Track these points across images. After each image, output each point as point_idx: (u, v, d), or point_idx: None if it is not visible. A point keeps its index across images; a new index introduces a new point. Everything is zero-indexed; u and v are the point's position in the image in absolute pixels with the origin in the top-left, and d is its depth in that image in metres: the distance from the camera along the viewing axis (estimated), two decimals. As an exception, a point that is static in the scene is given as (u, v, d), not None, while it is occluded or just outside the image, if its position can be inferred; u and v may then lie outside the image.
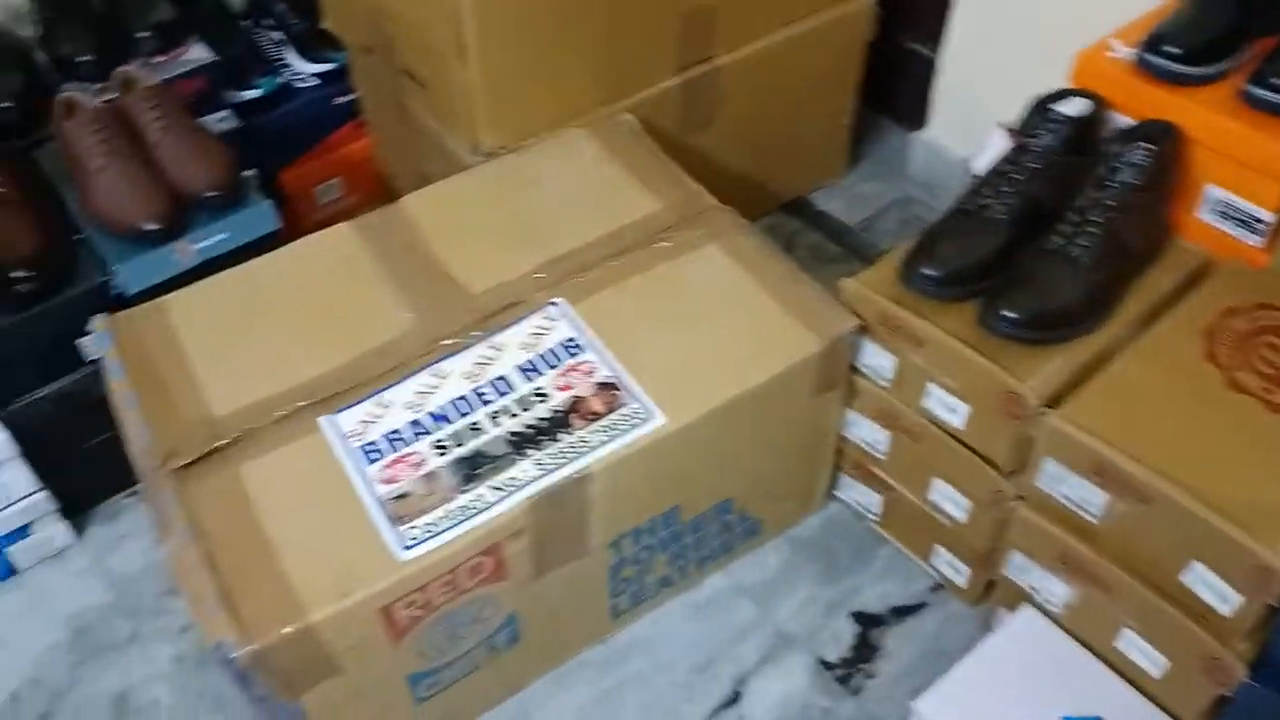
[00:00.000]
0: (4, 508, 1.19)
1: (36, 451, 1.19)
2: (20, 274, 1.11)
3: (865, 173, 1.70)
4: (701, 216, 1.16)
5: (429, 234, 1.16)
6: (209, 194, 1.20)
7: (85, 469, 1.27)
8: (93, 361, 1.19)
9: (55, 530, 1.25)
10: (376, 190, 1.70)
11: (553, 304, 1.08)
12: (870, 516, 1.24)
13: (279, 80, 1.54)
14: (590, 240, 1.14)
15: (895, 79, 1.60)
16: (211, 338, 1.07)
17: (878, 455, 1.16)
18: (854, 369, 1.11)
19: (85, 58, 1.38)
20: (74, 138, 1.21)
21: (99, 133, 1.20)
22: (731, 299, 1.07)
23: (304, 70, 1.58)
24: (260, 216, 1.24)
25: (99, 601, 1.22)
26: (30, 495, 1.21)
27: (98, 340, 1.07)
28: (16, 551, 1.23)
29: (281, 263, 1.16)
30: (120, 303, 1.17)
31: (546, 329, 1.06)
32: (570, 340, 1.04)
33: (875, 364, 1.08)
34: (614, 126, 1.28)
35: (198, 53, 1.45)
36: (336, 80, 1.57)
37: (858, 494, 1.24)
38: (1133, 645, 0.99)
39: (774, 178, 1.60)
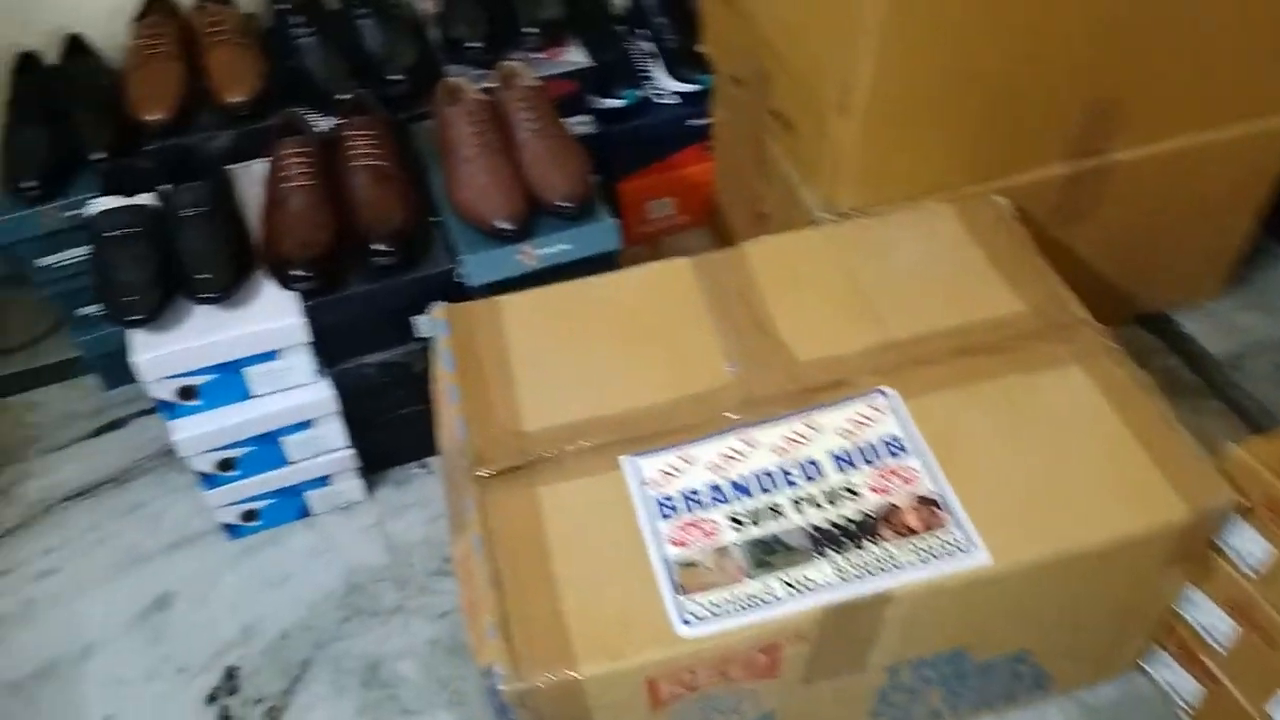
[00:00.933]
0: (315, 457, 1.26)
1: (351, 411, 1.25)
2: (382, 247, 1.17)
3: (1243, 300, 1.49)
4: (1068, 329, 1.04)
5: (765, 287, 1.12)
6: (562, 204, 1.21)
7: (389, 434, 1.32)
8: (422, 339, 1.24)
9: (351, 485, 1.32)
10: (706, 215, 1.69)
11: (882, 392, 1.00)
12: (1181, 704, 1.08)
13: (641, 93, 1.55)
14: (936, 329, 1.05)
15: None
16: (537, 347, 1.08)
17: (1215, 646, 1.00)
18: (1214, 545, 0.95)
19: (475, 44, 1.44)
20: (451, 124, 1.25)
21: (475, 124, 1.24)
22: (1090, 434, 0.95)
23: (667, 87, 1.58)
24: (604, 233, 1.24)
25: (375, 563, 1.27)
26: (338, 450, 1.27)
27: (434, 324, 1.10)
28: (314, 497, 1.31)
29: (616, 285, 1.15)
30: (459, 291, 1.21)
31: (870, 419, 0.98)
32: (895, 439, 0.96)
33: (1245, 549, 0.93)
34: (983, 207, 1.18)
35: (575, 55, 1.48)
36: (695, 102, 1.56)
37: (1173, 676, 1.08)
38: None
39: (1139, 286, 1.43)
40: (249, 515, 1.29)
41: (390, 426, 1.32)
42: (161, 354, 1.11)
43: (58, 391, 1.51)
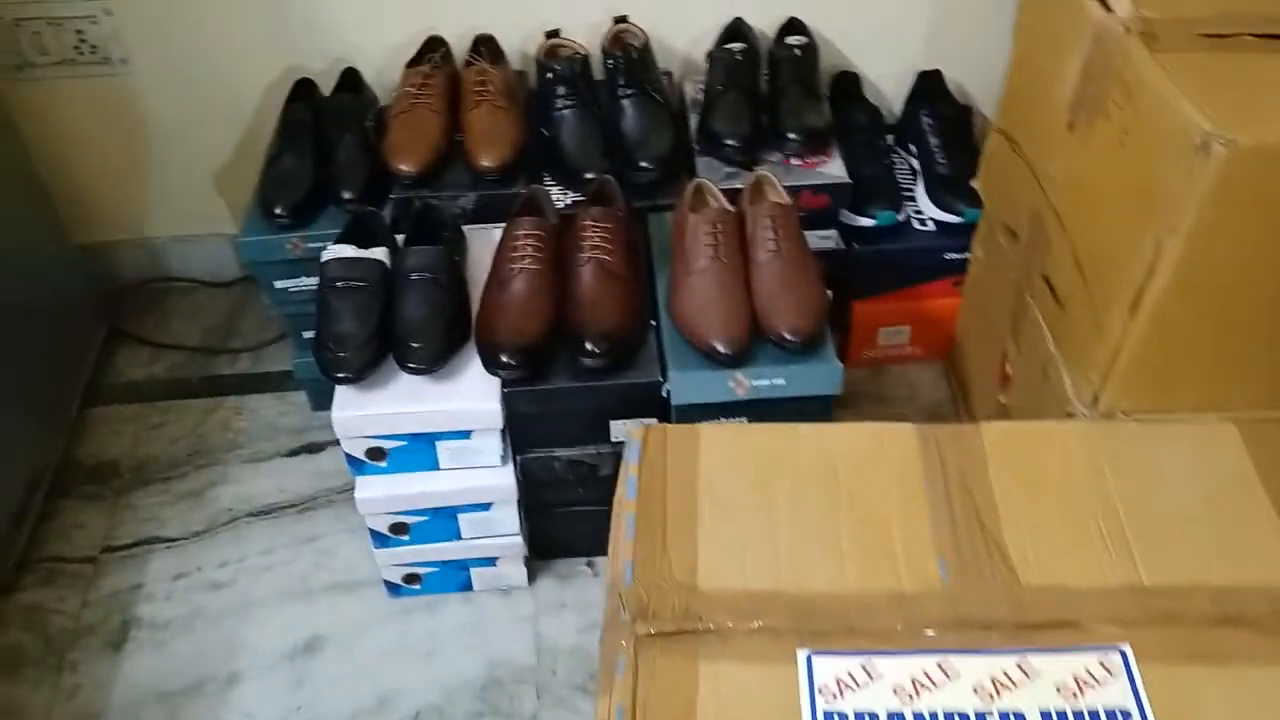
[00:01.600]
0: (486, 537, 1.23)
1: (529, 498, 1.21)
2: (594, 349, 1.12)
3: None
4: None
5: (997, 481, 0.98)
6: (788, 337, 1.13)
7: (562, 525, 1.28)
8: (616, 443, 1.18)
9: (515, 570, 1.28)
10: (940, 350, 1.56)
11: (1119, 650, 0.85)
12: None
13: (899, 216, 1.44)
14: (1199, 584, 0.89)
15: None
16: (731, 492, 0.99)
17: None
18: None
19: (733, 141, 1.37)
20: (690, 230, 1.19)
21: (715, 236, 1.17)
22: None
23: (926, 212, 1.47)
24: (826, 375, 1.14)
25: (521, 661, 1.23)
26: (511, 536, 1.23)
27: (629, 445, 1.04)
28: (478, 574, 1.28)
29: (829, 440, 1.05)
30: (661, 405, 1.15)
31: (1098, 680, 0.83)
32: (1123, 713, 0.81)
33: None
34: (1275, 437, 1.00)
35: (834, 167, 1.39)
36: (956, 234, 1.44)
37: None
38: None
39: None
40: (412, 578, 1.27)
41: (565, 519, 1.27)
42: (359, 414, 1.11)
43: (269, 402, 1.56)
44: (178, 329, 1.68)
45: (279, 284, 1.37)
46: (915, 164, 1.52)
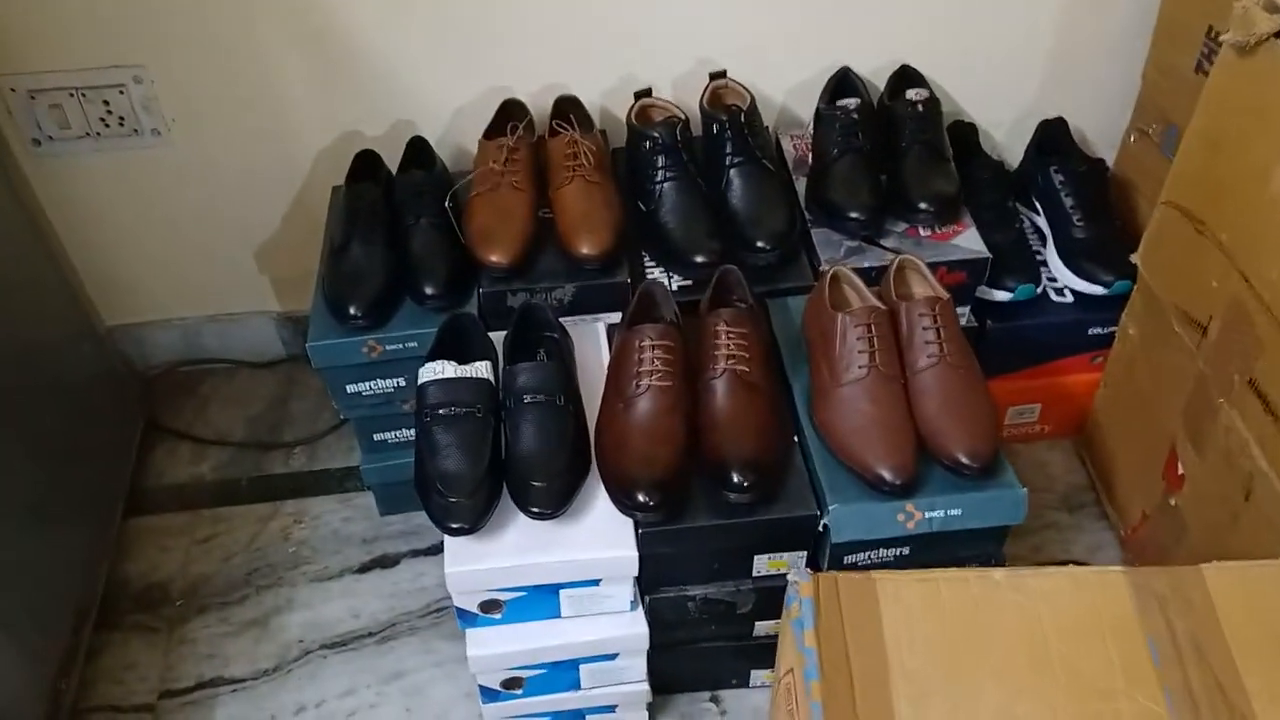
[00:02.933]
0: (608, 686, 1.08)
1: (656, 638, 1.06)
2: (739, 481, 0.97)
3: None
4: None
5: (1235, 641, 0.84)
6: (966, 462, 0.98)
7: (688, 662, 1.13)
8: (759, 578, 1.04)
9: (634, 717, 1.13)
10: (1070, 430, 1.42)
11: None
12: None
13: (1037, 289, 1.29)
14: None
15: None
16: (925, 667, 0.84)
17: None
18: None
19: (855, 215, 1.22)
20: (839, 331, 1.04)
21: (869, 339, 1.02)
22: None
23: (1063, 281, 1.32)
24: (1009, 504, 0.99)
25: (649, 822, 1.08)
26: (636, 684, 1.09)
27: (797, 602, 0.89)
28: (594, 721, 1.13)
29: (1026, 591, 0.90)
30: (814, 539, 1.01)
31: None
32: None
33: None
34: None
35: (970, 239, 1.24)
36: (1098, 308, 1.30)
37: None
38: None
39: None
40: (519, 727, 1.12)
41: (693, 655, 1.12)
42: (476, 569, 0.96)
43: (332, 505, 1.40)
44: (219, 419, 1.52)
45: (351, 388, 1.21)
46: (1044, 225, 1.37)
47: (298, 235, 1.40)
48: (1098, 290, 1.29)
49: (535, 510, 0.96)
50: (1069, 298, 1.31)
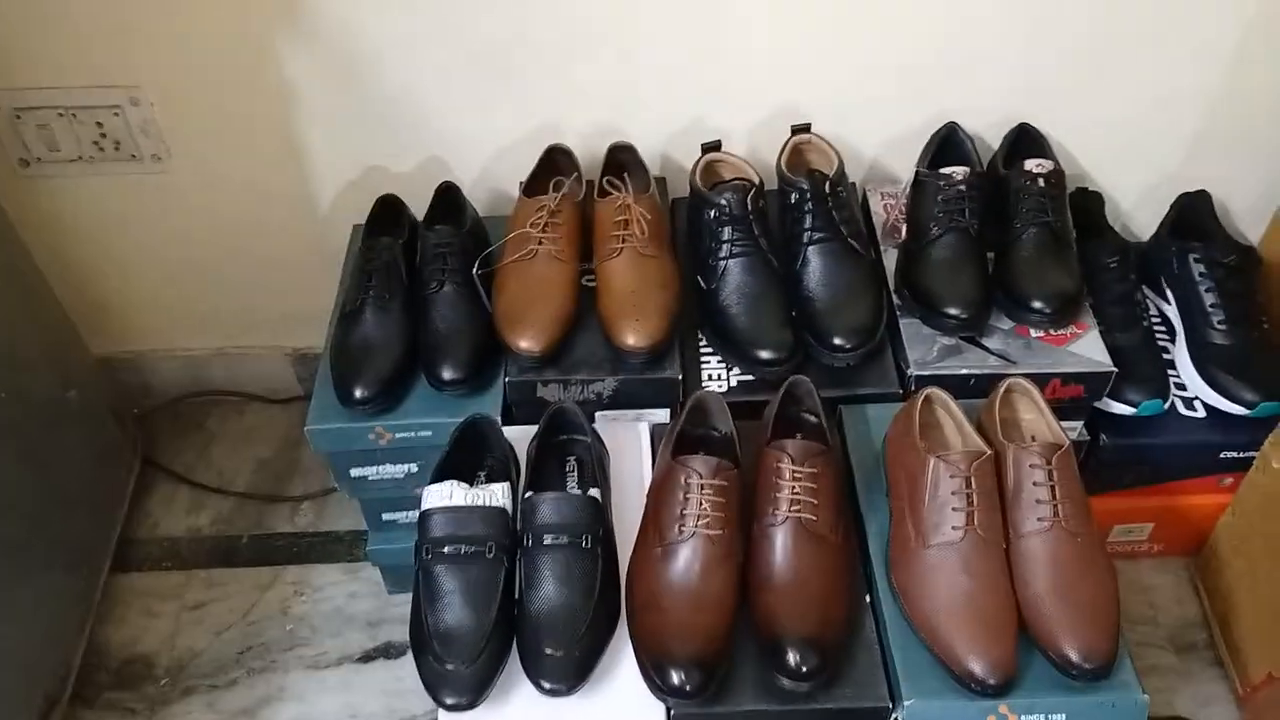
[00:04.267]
0: None
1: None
2: (802, 664, 0.79)
3: None
4: None
5: None
6: (1079, 662, 0.80)
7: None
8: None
9: None
10: (1183, 550, 1.23)
11: None
12: None
13: (1165, 405, 1.09)
14: None
15: None
16: None
17: None
18: None
19: (957, 312, 1.03)
20: (930, 478, 0.85)
21: (968, 493, 0.84)
22: None
23: (1194, 391, 1.12)
24: (1125, 714, 0.81)
25: None
26: None
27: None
28: None
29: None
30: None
31: None
32: None
33: None
34: None
35: (1090, 345, 1.05)
36: (1236, 429, 1.10)
37: None
38: None
39: None
40: None
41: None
42: (473, 754, 0.80)
43: (337, 576, 1.27)
44: (224, 460, 1.38)
45: (356, 472, 1.06)
46: (1174, 317, 1.16)
47: (315, 272, 1.24)
48: (1238, 410, 1.08)
49: (547, 686, 0.80)
50: (1200, 412, 1.11)
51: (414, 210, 1.13)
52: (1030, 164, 1.08)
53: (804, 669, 0.80)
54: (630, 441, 0.99)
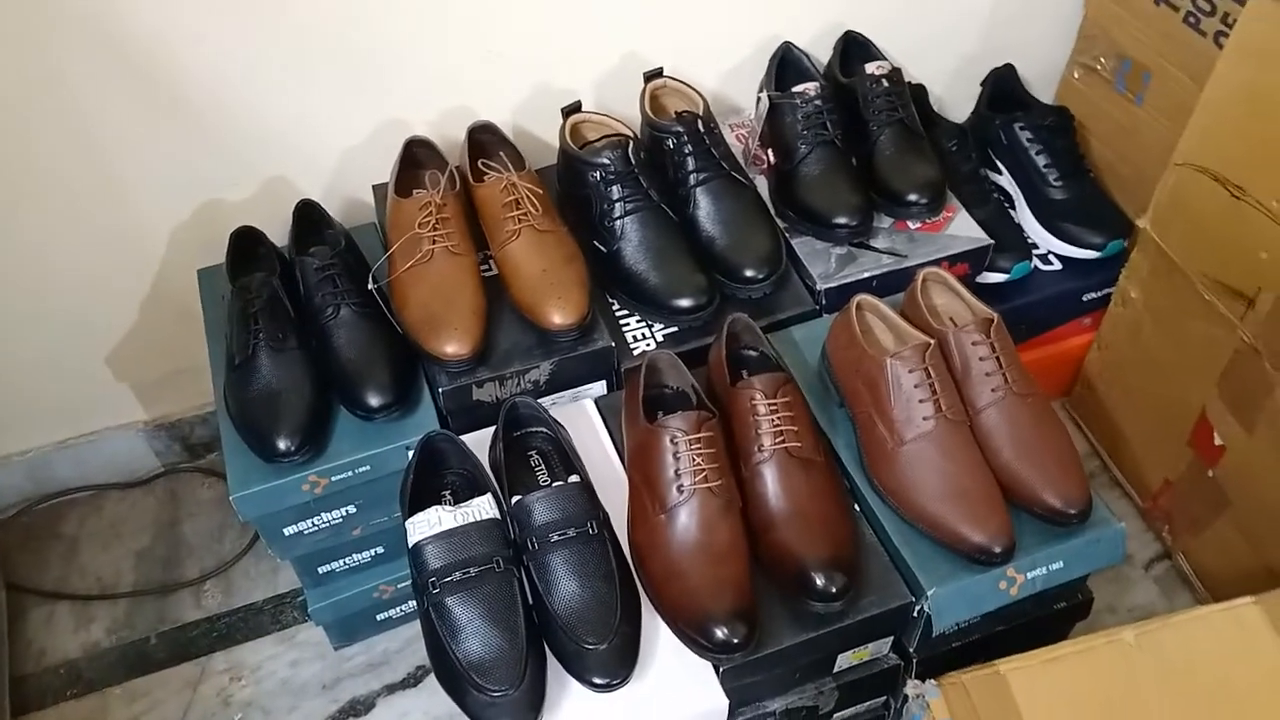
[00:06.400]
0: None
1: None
2: (825, 586, 0.81)
3: None
4: None
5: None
6: (1064, 509, 0.86)
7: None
8: (835, 673, 0.90)
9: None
10: (1059, 392, 1.34)
11: None
12: None
13: (1032, 265, 1.18)
14: None
15: None
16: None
17: None
18: None
19: (845, 220, 1.07)
20: (890, 379, 0.89)
21: (930, 383, 0.88)
22: None
23: (1046, 247, 1.22)
24: (1110, 546, 0.89)
25: None
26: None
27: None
28: None
29: (1169, 654, 0.81)
30: (903, 622, 0.87)
31: None
32: None
33: None
34: None
35: (964, 224, 1.12)
36: (1090, 272, 1.21)
37: None
38: None
39: None
40: None
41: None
42: (543, 774, 0.77)
43: (272, 649, 1.17)
44: (97, 565, 1.24)
45: (290, 530, 0.98)
46: (1009, 186, 1.26)
47: (159, 329, 1.13)
48: (1089, 254, 1.19)
49: (599, 682, 0.78)
50: (1057, 265, 1.21)
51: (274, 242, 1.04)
52: (870, 67, 1.13)
53: (833, 589, 0.82)
54: (581, 421, 0.97)
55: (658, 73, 1.10)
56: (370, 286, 0.98)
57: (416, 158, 1.05)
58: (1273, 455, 1.01)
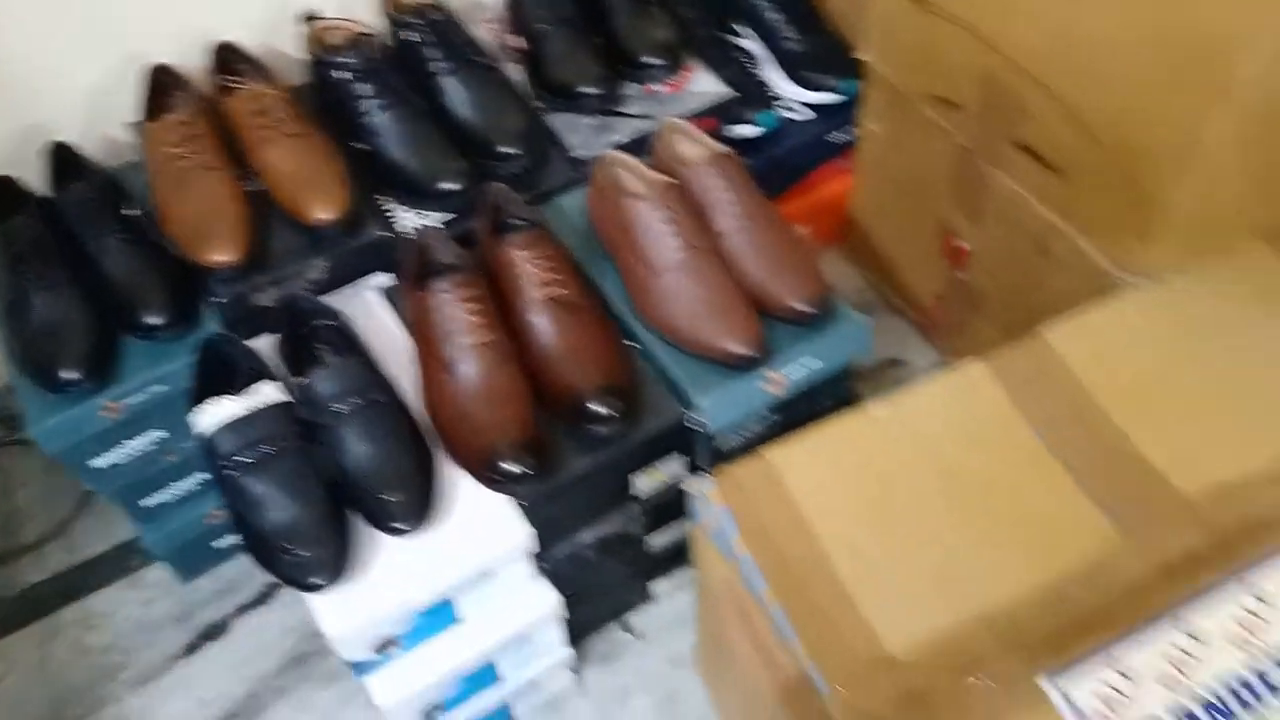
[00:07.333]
0: (529, 665, 1.00)
1: (566, 597, 0.99)
2: (602, 410, 0.89)
3: None
4: None
5: (1097, 394, 0.89)
6: (804, 308, 0.95)
7: (593, 604, 1.07)
8: (636, 498, 0.99)
9: (560, 679, 1.06)
10: (837, 238, 1.44)
11: (1329, 532, 0.80)
12: None
13: (776, 116, 1.27)
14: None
15: None
16: (849, 524, 0.83)
17: None
18: None
19: (591, 89, 1.13)
20: (639, 219, 0.96)
21: (674, 219, 0.95)
22: None
23: (793, 97, 1.31)
24: (858, 335, 0.98)
25: (616, 775, 1.04)
26: (557, 651, 1.01)
27: (715, 516, 0.85)
28: (520, 705, 1.05)
29: (907, 415, 0.90)
30: (688, 440, 0.96)
31: (1334, 573, 0.78)
32: (1382, 599, 0.76)
33: None
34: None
35: (705, 81, 1.19)
36: (833, 114, 1.30)
37: None
38: None
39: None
40: (442, 743, 1.03)
41: (597, 596, 1.06)
42: (363, 618, 0.83)
43: (122, 594, 1.18)
44: (-78, 547, 1.23)
45: (97, 462, 1.00)
46: (754, 47, 1.34)
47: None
48: (830, 98, 1.28)
49: (399, 527, 0.84)
50: (804, 113, 1.30)
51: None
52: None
53: (606, 411, 0.89)
54: (365, 307, 1.02)
55: (389, -27, 1.14)
56: (126, 212, 0.99)
57: (164, 85, 1.07)
58: (1002, 244, 1.13)
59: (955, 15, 1.03)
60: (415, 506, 0.84)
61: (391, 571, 0.84)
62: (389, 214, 1.08)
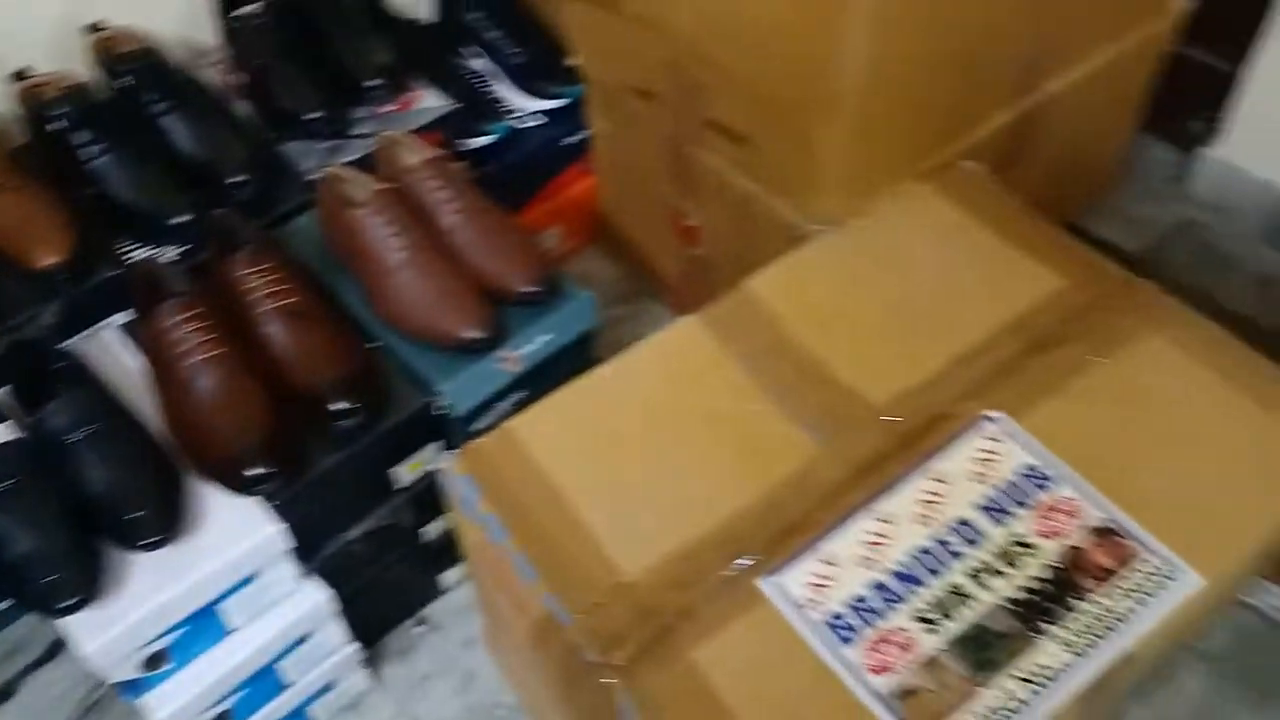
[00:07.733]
0: (316, 666, 1.03)
1: (343, 595, 1.02)
2: (343, 405, 0.94)
3: (1133, 194, 1.54)
4: (1119, 296, 1.00)
5: (793, 328, 0.99)
6: (530, 289, 1.03)
7: (379, 601, 1.10)
8: (402, 489, 1.03)
9: (355, 679, 1.09)
10: (592, 236, 1.53)
11: (988, 418, 0.92)
12: None
13: (506, 124, 1.35)
14: (993, 331, 0.98)
15: (1177, 95, 1.45)
16: (585, 471, 0.90)
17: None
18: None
19: (313, 114, 1.18)
20: (361, 229, 1.02)
21: (393, 223, 1.01)
22: (1209, 410, 0.92)
23: (524, 107, 1.39)
24: (583, 311, 1.06)
25: (419, 761, 1.07)
26: (342, 650, 1.04)
27: (459, 486, 0.90)
28: (318, 708, 1.07)
29: (631, 373, 0.99)
30: (438, 426, 1.01)
31: (994, 453, 0.90)
32: (1031, 468, 0.89)
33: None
34: (960, 178, 1.12)
35: (430, 97, 1.26)
36: (564, 119, 1.38)
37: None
38: None
39: (1048, 206, 1.44)
40: (241, 759, 1.04)
41: (380, 592, 1.10)
42: (119, 633, 0.84)
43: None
44: None
45: None
46: (481, 65, 1.41)
47: None
48: (555, 104, 1.37)
49: (146, 542, 0.86)
50: (537, 120, 1.38)
51: None
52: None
53: (349, 405, 0.94)
54: (108, 350, 1.03)
55: (98, 26, 1.16)
56: None
57: None
58: (719, 216, 1.24)
59: (637, 14, 1.14)
60: (161, 521, 0.87)
61: (144, 585, 0.86)
62: (128, 255, 1.09)
